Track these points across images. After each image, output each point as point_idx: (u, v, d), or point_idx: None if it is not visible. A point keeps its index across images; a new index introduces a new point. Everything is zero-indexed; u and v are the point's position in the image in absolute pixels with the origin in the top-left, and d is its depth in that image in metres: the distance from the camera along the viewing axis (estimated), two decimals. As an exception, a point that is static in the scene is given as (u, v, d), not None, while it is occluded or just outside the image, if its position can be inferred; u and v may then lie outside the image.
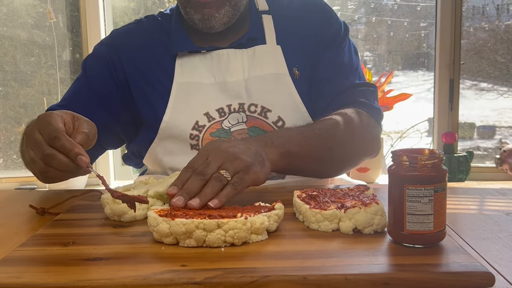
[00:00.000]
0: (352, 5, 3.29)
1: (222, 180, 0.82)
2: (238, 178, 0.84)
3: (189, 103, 1.17)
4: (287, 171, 1.08)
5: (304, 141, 1.02)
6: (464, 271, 0.60)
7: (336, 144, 1.07)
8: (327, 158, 1.07)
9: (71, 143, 0.83)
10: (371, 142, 1.18)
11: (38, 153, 0.85)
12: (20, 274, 0.61)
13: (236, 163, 0.85)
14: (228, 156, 0.86)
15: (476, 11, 3.14)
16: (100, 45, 1.28)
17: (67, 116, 0.89)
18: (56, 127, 0.83)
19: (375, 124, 1.18)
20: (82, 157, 0.82)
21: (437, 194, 0.67)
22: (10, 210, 1.01)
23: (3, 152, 3.11)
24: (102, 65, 1.23)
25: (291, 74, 1.19)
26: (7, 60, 3.04)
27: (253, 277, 0.59)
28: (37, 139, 0.85)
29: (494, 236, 0.78)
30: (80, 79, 1.26)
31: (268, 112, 1.16)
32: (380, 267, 0.62)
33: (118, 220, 0.83)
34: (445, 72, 2.93)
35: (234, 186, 0.82)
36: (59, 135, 0.82)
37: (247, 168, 0.85)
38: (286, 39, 1.21)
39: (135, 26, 1.28)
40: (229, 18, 1.16)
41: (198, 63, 1.20)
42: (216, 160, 0.85)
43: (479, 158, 3.10)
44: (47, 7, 2.93)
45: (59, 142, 0.82)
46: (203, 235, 0.69)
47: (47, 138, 0.83)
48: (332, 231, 0.76)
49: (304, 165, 1.04)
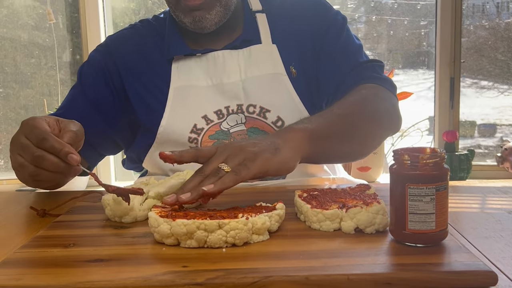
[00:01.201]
0: (352, 4, 3.29)
1: (220, 173, 0.79)
2: (241, 165, 0.80)
3: (187, 107, 1.16)
4: (318, 156, 0.98)
5: (326, 121, 0.98)
6: (466, 270, 0.59)
7: (358, 120, 1.03)
8: (352, 136, 1.03)
9: (60, 142, 0.82)
10: (392, 112, 1.14)
11: (27, 156, 0.84)
12: (20, 276, 0.61)
13: (240, 156, 0.82)
14: (233, 151, 0.83)
15: (476, 9, 3.13)
16: (95, 52, 1.27)
17: (51, 119, 0.89)
18: (43, 129, 0.83)
19: (390, 95, 1.15)
20: (73, 155, 0.82)
21: (439, 193, 0.67)
22: (10, 212, 1.00)
23: (4, 154, 3.11)
24: (97, 73, 1.23)
25: (288, 73, 1.18)
26: (7, 61, 3.04)
27: (255, 277, 0.58)
28: (24, 143, 0.84)
29: (496, 235, 0.78)
30: (76, 87, 1.25)
31: (267, 113, 1.16)
32: (382, 266, 0.62)
33: (119, 221, 0.83)
34: (445, 71, 2.92)
35: (234, 172, 0.79)
36: (47, 136, 0.82)
37: (254, 156, 0.81)
38: (281, 37, 1.21)
39: (130, 31, 1.28)
40: (220, 18, 1.16)
41: (194, 66, 1.19)
42: (219, 157, 0.83)
43: (480, 157, 3.09)
44: (47, 8, 2.93)
45: (48, 143, 0.82)
46: (204, 236, 0.69)
47: (35, 141, 0.83)
48: (333, 230, 0.75)
49: (331, 146, 0.98)
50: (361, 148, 1.09)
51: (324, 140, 0.96)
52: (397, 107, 1.17)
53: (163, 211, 0.75)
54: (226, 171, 0.79)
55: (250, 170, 0.80)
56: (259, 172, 0.81)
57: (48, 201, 1.05)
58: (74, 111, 1.19)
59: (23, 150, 0.84)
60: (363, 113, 1.05)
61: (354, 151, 1.08)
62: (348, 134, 1.02)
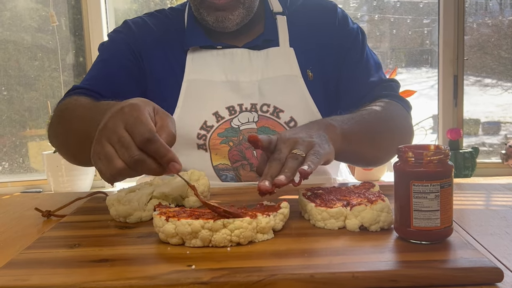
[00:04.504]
0: (355, 3, 3.28)
1: (298, 158, 0.82)
2: (314, 151, 0.84)
3: (199, 101, 1.17)
4: (345, 153, 1.01)
5: (358, 125, 1.02)
6: (472, 267, 0.59)
7: (383, 130, 1.09)
8: (377, 142, 1.08)
9: (165, 147, 0.71)
10: (407, 128, 1.19)
11: (124, 155, 0.71)
12: (26, 277, 0.61)
13: (306, 144, 0.85)
14: (297, 141, 0.86)
15: (479, 7, 3.13)
16: (116, 32, 1.25)
17: (150, 108, 0.75)
18: (150, 127, 0.71)
19: (407, 114, 1.20)
20: (176, 164, 0.72)
21: (444, 190, 0.67)
22: (16, 213, 1.01)
23: (8, 156, 3.12)
24: (124, 46, 1.21)
25: (303, 76, 1.19)
26: (11, 64, 3.05)
27: (260, 276, 0.58)
28: (124, 137, 0.71)
29: (501, 231, 0.78)
30: (103, 59, 1.22)
31: (280, 113, 1.17)
32: (387, 264, 0.62)
33: (124, 221, 0.83)
34: (449, 68, 2.92)
35: (315, 154, 0.82)
36: (153, 138, 0.70)
37: (318, 145, 0.86)
38: (299, 40, 1.22)
39: (149, 18, 1.27)
40: (242, 19, 1.17)
41: (210, 60, 1.20)
42: (286, 147, 0.85)
43: (485, 154, 3.09)
44: (50, 10, 2.94)
45: (153, 146, 0.70)
46: (209, 235, 0.69)
47: (139, 140, 0.70)
48: (338, 228, 0.75)
49: (359, 147, 1.04)
50: (381, 156, 1.15)
51: (355, 143, 1.00)
52: (411, 125, 1.21)
53: (168, 211, 0.75)
54: (302, 156, 0.83)
55: (322, 156, 0.84)
56: (326, 159, 0.86)
57: (53, 202, 1.06)
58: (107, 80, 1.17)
59: (120, 144, 0.71)
60: (386, 125, 1.10)
61: (376, 157, 1.14)
62: (374, 141, 1.07)
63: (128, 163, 0.71)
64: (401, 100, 1.19)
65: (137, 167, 0.71)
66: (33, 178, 3.06)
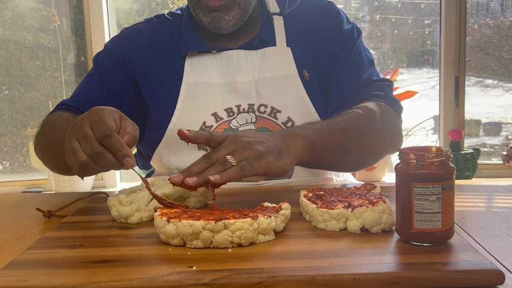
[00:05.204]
0: (356, 4, 3.28)
1: (226, 164, 0.83)
2: (246, 163, 0.84)
3: (197, 103, 1.18)
4: (314, 164, 1.05)
5: (330, 133, 1.01)
6: (473, 269, 0.59)
7: (361, 135, 1.07)
8: (354, 150, 1.06)
9: (121, 143, 0.82)
10: (394, 132, 1.17)
11: (86, 148, 0.83)
12: (27, 277, 0.61)
13: (247, 152, 0.85)
14: (242, 145, 0.86)
15: (481, 8, 3.13)
16: (110, 42, 1.29)
17: (116, 115, 0.88)
18: (109, 125, 0.83)
19: (395, 115, 1.18)
20: (129, 159, 0.82)
21: (445, 192, 0.66)
22: (17, 213, 1.01)
23: (9, 156, 3.12)
24: (113, 62, 1.24)
25: (300, 76, 1.19)
26: (12, 63, 3.05)
27: (261, 277, 0.58)
28: (87, 133, 0.83)
29: (503, 234, 0.78)
30: (92, 75, 1.26)
31: (277, 113, 1.17)
32: (388, 266, 0.62)
33: (125, 222, 0.83)
34: (450, 69, 2.92)
35: (240, 168, 0.82)
36: (111, 134, 0.82)
37: (259, 156, 0.85)
38: (296, 41, 1.22)
39: (146, 25, 1.29)
40: (238, 20, 1.17)
41: (207, 63, 1.20)
42: (227, 148, 0.86)
43: (486, 155, 3.08)
44: (51, 10, 2.94)
45: (110, 141, 0.81)
46: (210, 236, 0.69)
47: (98, 135, 0.82)
48: (339, 230, 0.75)
49: (330, 158, 1.03)
50: (359, 162, 1.13)
51: (323, 152, 1.00)
52: (400, 129, 1.20)
53: (169, 211, 0.75)
54: (232, 164, 0.83)
55: (253, 169, 0.84)
56: (261, 172, 0.86)
57: (54, 203, 1.06)
58: (90, 99, 1.19)
59: (84, 139, 0.83)
60: (367, 130, 1.08)
61: (351, 164, 1.13)
62: (348, 148, 1.05)
63: (90, 156, 0.82)
64: (391, 102, 1.18)
65: (98, 160, 0.82)
66: (34, 178, 3.06)
